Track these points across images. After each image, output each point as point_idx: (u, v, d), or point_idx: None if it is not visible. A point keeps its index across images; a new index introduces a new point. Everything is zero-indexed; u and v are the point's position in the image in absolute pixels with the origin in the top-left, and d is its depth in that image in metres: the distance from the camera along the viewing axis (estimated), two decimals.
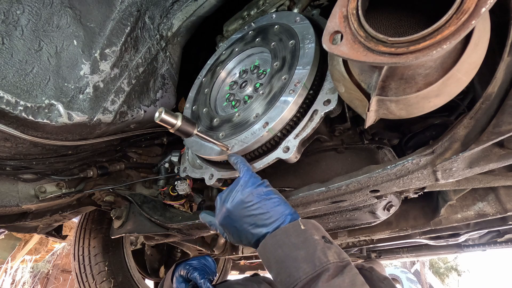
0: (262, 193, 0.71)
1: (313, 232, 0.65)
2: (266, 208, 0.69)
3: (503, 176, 0.95)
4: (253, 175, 0.75)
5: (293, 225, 0.66)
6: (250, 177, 0.74)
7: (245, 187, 0.72)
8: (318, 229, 0.68)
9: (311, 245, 0.62)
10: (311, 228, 0.66)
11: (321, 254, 0.60)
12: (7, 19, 0.76)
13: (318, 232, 0.66)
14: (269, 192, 0.71)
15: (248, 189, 0.71)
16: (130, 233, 1.36)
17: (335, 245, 0.65)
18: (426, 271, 9.10)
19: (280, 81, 0.82)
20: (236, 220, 0.71)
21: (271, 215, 0.68)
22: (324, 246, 0.62)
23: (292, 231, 0.65)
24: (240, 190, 0.72)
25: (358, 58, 0.49)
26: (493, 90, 0.56)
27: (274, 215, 0.68)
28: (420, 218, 1.42)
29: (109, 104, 0.98)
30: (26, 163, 1.05)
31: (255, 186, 0.71)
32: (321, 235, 0.66)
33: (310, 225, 0.67)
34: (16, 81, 0.78)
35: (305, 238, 0.63)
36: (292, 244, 0.63)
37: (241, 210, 0.70)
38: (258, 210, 0.69)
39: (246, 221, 0.70)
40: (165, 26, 1.14)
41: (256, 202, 0.69)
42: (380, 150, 1.00)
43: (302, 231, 0.64)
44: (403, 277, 5.36)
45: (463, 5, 0.41)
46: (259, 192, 0.71)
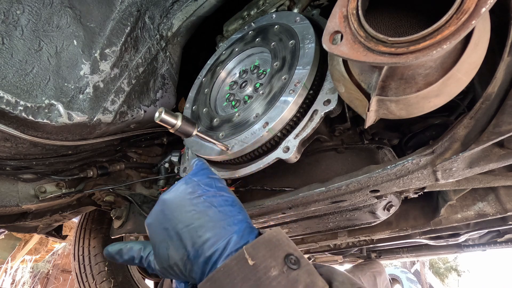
0: (212, 186, 0.55)
1: (268, 264, 0.44)
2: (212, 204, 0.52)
3: (503, 176, 0.95)
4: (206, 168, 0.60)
5: (238, 260, 0.45)
6: (202, 168, 0.59)
7: (192, 175, 0.57)
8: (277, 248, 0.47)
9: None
10: (265, 257, 0.45)
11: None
12: (7, 19, 0.76)
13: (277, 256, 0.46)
14: (221, 188, 0.56)
15: (195, 178, 0.56)
16: (130, 233, 1.36)
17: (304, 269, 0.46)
18: (426, 271, 9.10)
19: (280, 81, 0.82)
20: (169, 218, 0.52)
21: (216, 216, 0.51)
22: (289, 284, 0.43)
23: (236, 271, 0.44)
24: (185, 179, 0.56)
25: (358, 58, 0.49)
26: (493, 90, 0.56)
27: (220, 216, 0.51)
28: (420, 218, 1.42)
29: (109, 104, 0.98)
30: (26, 163, 1.05)
31: (206, 176, 0.56)
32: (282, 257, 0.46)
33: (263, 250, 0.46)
34: (16, 81, 0.78)
35: (257, 279, 0.43)
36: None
37: (180, 200, 0.52)
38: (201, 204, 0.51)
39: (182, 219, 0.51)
40: (165, 26, 1.14)
41: (201, 195, 0.52)
42: (380, 150, 1.00)
43: (251, 270, 0.44)
44: (403, 277, 5.36)
45: (463, 5, 0.41)
46: (208, 183, 0.55)
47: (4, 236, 5.17)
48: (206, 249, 0.48)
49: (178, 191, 0.54)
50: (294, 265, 0.45)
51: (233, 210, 0.53)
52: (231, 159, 0.89)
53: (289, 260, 0.46)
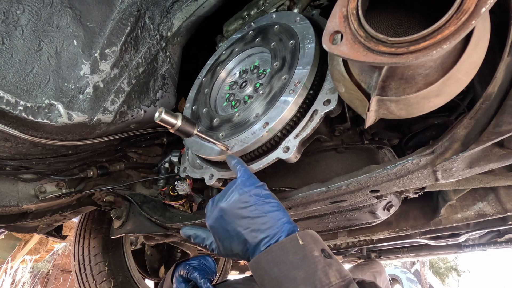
0: (260, 195, 0.66)
1: (312, 247, 0.59)
2: (263, 211, 0.64)
3: (503, 176, 0.95)
4: (251, 176, 0.71)
5: (291, 240, 0.59)
6: (249, 177, 0.70)
7: (243, 186, 0.67)
8: (317, 241, 0.62)
9: (311, 264, 0.56)
10: (310, 242, 0.60)
11: (322, 274, 0.54)
12: (7, 19, 0.76)
13: (317, 245, 0.60)
14: (267, 195, 0.67)
15: (246, 189, 0.66)
16: (130, 233, 1.36)
17: (335, 260, 0.59)
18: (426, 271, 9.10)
19: (280, 81, 0.82)
20: (229, 222, 0.65)
21: (267, 220, 0.63)
22: (325, 264, 0.56)
23: (289, 247, 0.58)
24: (237, 190, 0.67)
25: (358, 58, 0.49)
26: (493, 90, 0.56)
27: (270, 220, 0.63)
28: (420, 218, 1.42)
29: (109, 104, 0.98)
30: (26, 163, 1.05)
31: (254, 186, 0.67)
32: (320, 248, 0.60)
33: (309, 238, 0.61)
34: (16, 81, 0.78)
35: (304, 255, 0.57)
36: (290, 262, 0.57)
37: (236, 210, 0.65)
38: (254, 212, 0.64)
39: (240, 224, 0.64)
40: (165, 26, 1.14)
41: (253, 204, 0.64)
42: (380, 150, 1.00)
43: (300, 247, 0.58)
44: (403, 277, 5.36)
45: (463, 5, 0.41)
46: (257, 193, 0.66)
47: (4, 236, 5.17)
48: (262, 245, 0.62)
49: (233, 201, 0.66)
50: (328, 257, 0.59)
51: (279, 214, 0.65)
52: None
53: (324, 252, 0.60)
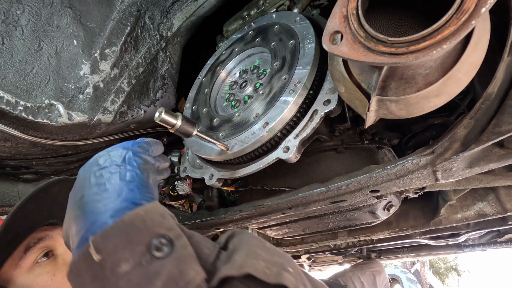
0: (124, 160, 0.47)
1: (118, 258, 0.35)
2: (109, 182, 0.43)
3: (503, 176, 0.95)
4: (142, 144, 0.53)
5: (83, 257, 0.36)
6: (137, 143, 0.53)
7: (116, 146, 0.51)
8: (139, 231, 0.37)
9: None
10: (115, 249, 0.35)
11: None
12: (7, 19, 0.76)
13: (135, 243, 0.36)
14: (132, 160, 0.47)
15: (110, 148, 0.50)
16: None
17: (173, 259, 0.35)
18: (426, 271, 9.10)
19: (280, 81, 0.82)
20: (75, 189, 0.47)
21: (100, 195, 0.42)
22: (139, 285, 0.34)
23: (84, 269, 0.36)
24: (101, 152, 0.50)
25: (358, 58, 0.49)
26: (493, 90, 0.56)
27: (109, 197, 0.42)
28: (420, 218, 1.42)
29: (109, 104, 0.98)
30: (26, 163, 1.05)
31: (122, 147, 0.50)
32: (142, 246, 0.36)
33: (115, 238, 0.36)
34: (16, 81, 0.78)
35: (104, 280, 0.35)
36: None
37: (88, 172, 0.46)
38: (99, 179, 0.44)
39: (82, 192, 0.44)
40: (165, 26, 1.14)
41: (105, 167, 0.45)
42: (380, 150, 1.00)
43: (97, 269, 0.35)
44: (403, 277, 5.36)
45: (463, 5, 0.41)
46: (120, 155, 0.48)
47: None
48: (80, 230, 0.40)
49: (90, 162, 0.48)
50: (161, 252, 0.35)
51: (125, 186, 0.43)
52: (231, 159, 0.89)
53: (155, 246, 0.35)
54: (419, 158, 0.65)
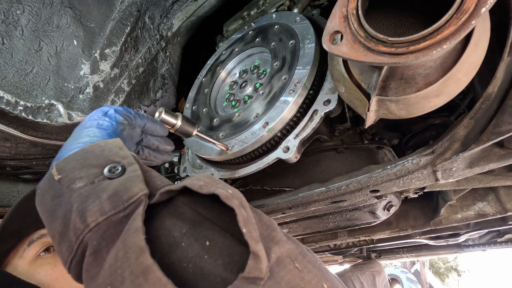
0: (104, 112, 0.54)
1: (74, 176, 0.39)
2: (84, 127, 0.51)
3: (503, 176, 0.95)
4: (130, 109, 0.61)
5: (47, 179, 0.41)
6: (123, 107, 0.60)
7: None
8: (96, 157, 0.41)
9: (66, 208, 0.37)
10: (73, 169, 0.40)
11: (76, 219, 0.35)
12: (7, 19, 0.76)
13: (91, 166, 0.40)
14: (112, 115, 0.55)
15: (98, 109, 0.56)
16: None
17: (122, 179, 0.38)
18: (426, 271, 9.10)
19: (280, 81, 0.82)
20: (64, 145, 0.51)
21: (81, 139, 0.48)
22: (88, 198, 0.36)
23: (46, 189, 0.41)
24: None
25: (358, 58, 0.49)
26: (493, 90, 0.56)
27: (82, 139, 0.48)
28: (420, 218, 1.42)
29: (109, 104, 0.98)
30: (26, 163, 1.05)
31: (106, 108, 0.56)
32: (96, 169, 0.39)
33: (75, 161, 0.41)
34: (16, 81, 0.78)
35: (61, 195, 0.38)
36: (48, 211, 0.39)
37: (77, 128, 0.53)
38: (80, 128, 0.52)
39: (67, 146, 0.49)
40: (165, 26, 1.14)
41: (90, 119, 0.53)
42: (380, 150, 1.00)
43: (56, 186, 0.39)
44: (403, 277, 5.35)
45: (463, 5, 0.41)
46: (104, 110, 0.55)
47: None
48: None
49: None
50: (114, 174, 0.39)
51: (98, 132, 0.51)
52: (231, 159, 0.89)
53: (108, 169, 0.39)
54: (419, 158, 0.65)
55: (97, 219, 0.34)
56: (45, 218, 0.40)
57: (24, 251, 0.76)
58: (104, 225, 0.34)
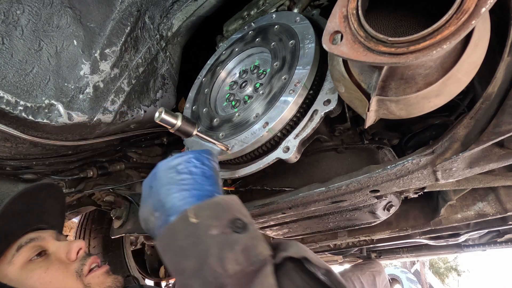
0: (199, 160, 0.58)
1: (209, 223, 0.46)
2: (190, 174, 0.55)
3: (503, 176, 0.95)
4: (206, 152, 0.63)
5: (181, 219, 0.47)
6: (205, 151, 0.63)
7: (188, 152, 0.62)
8: (225, 211, 0.49)
9: (202, 250, 0.44)
10: (208, 217, 0.47)
11: (215, 262, 0.42)
12: (7, 19, 0.76)
13: (221, 219, 0.47)
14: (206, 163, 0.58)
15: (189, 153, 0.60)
16: (130, 233, 1.36)
17: (248, 236, 0.46)
18: (426, 271, 9.10)
19: (280, 81, 0.82)
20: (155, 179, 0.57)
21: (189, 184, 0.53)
22: (224, 245, 0.44)
23: (180, 228, 0.47)
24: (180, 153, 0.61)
25: (358, 58, 0.49)
26: (493, 90, 0.56)
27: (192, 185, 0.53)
28: (420, 218, 1.42)
29: (109, 104, 0.98)
30: (26, 163, 1.05)
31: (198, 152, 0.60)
32: (225, 221, 0.47)
33: (208, 211, 0.48)
34: (16, 81, 0.78)
35: (197, 237, 0.45)
36: (180, 249, 0.46)
37: (168, 167, 0.57)
38: (180, 173, 0.55)
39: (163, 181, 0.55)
40: (165, 26, 1.14)
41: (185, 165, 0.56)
42: (380, 150, 1.00)
43: (191, 227, 0.46)
44: (403, 277, 5.36)
45: (463, 5, 0.41)
46: (197, 158, 0.59)
47: None
48: (168, 209, 0.52)
49: (169, 159, 0.59)
50: (240, 229, 0.47)
51: (206, 181, 0.56)
52: (231, 159, 0.89)
53: (235, 224, 0.47)
54: (419, 158, 0.65)
55: (234, 268, 0.42)
56: (173, 251, 0.47)
57: (13, 256, 0.73)
58: (239, 274, 0.42)
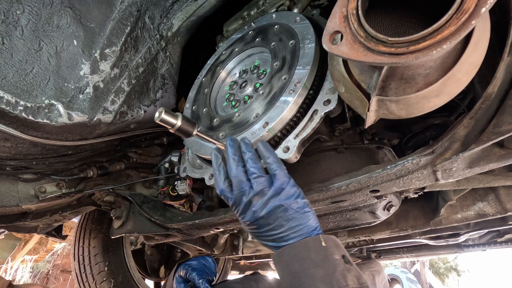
0: (300, 206, 0.67)
1: (333, 250, 0.62)
2: (298, 221, 0.66)
3: (503, 176, 0.95)
4: (290, 183, 0.69)
5: (314, 240, 0.63)
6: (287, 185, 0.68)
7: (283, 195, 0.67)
8: (339, 247, 0.65)
9: (331, 265, 0.59)
10: (332, 245, 0.63)
11: (340, 276, 0.57)
12: (7, 19, 0.76)
13: (339, 251, 0.64)
14: (305, 205, 0.68)
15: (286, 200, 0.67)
16: (130, 233, 1.36)
17: (354, 268, 0.62)
18: (426, 271, 9.10)
19: (280, 81, 0.82)
20: (264, 225, 0.67)
21: (301, 228, 0.66)
22: (344, 268, 0.60)
23: (312, 246, 0.62)
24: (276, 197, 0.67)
25: (358, 58, 0.49)
26: (493, 90, 0.56)
27: (304, 228, 0.66)
28: (420, 218, 1.42)
29: (109, 104, 0.98)
30: (26, 163, 1.05)
31: (294, 198, 0.67)
32: (341, 254, 0.63)
33: (331, 242, 0.64)
34: (16, 81, 0.78)
35: (325, 256, 0.61)
36: (311, 260, 0.60)
37: (273, 216, 0.66)
38: (291, 222, 0.66)
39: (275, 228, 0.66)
40: (165, 26, 1.14)
41: (293, 213, 0.66)
42: (380, 150, 1.00)
43: (322, 248, 0.62)
44: (403, 277, 5.36)
45: (463, 5, 0.41)
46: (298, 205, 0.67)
47: (4, 236, 5.16)
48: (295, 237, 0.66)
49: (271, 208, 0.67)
50: (348, 263, 0.62)
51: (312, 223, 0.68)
52: None
53: (345, 258, 0.63)
54: (419, 158, 0.65)
55: (352, 284, 0.57)
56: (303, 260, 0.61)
57: None
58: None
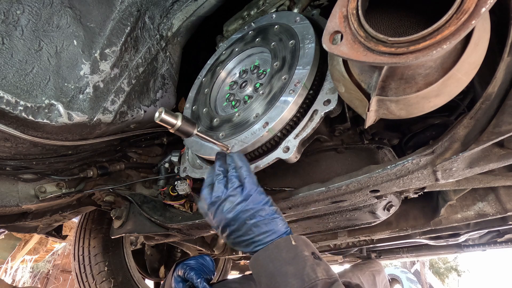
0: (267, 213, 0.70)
1: (303, 248, 0.67)
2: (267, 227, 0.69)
3: (503, 176, 0.95)
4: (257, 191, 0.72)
5: (285, 240, 0.68)
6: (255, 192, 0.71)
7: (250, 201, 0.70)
8: (308, 245, 0.70)
9: (301, 261, 0.64)
10: (301, 244, 0.68)
11: (310, 270, 0.62)
12: (7, 19, 0.76)
13: (308, 248, 0.69)
14: (272, 212, 0.71)
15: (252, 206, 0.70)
16: (130, 233, 1.36)
17: (324, 262, 0.67)
18: (426, 271, 9.10)
19: (280, 81, 0.82)
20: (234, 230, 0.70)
21: (272, 233, 0.69)
22: (314, 263, 0.64)
23: (283, 246, 0.67)
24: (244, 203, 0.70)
25: (358, 58, 0.49)
26: (493, 90, 0.56)
27: (274, 233, 0.69)
28: (420, 218, 1.42)
29: (109, 104, 0.98)
30: (26, 163, 1.05)
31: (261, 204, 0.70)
32: (310, 251, 0.68)
33: (301, 241, 0.69)
34: (16, 81, 0.78)
35: (295, 254, 0.65)
36: (283, 259, 0.65)
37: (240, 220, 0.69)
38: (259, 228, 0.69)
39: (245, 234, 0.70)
40: (165, 26, 1.14)
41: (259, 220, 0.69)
42: (380, 150, 1.00)
43: (292, 247, 0.67)
44: (403, 277, 5.36)
45: (463, 5, 0.41)
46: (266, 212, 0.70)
47: (4, 236, 5.16)
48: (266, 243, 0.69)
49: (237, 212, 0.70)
50: (317, 258, 0.67)
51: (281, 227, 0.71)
52: None
53: (314, 254, 0.67)
54: (419, 158, 0.65)
55: (322, 276, 0.62)
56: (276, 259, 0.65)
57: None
58: (323, 281, 0.61)
